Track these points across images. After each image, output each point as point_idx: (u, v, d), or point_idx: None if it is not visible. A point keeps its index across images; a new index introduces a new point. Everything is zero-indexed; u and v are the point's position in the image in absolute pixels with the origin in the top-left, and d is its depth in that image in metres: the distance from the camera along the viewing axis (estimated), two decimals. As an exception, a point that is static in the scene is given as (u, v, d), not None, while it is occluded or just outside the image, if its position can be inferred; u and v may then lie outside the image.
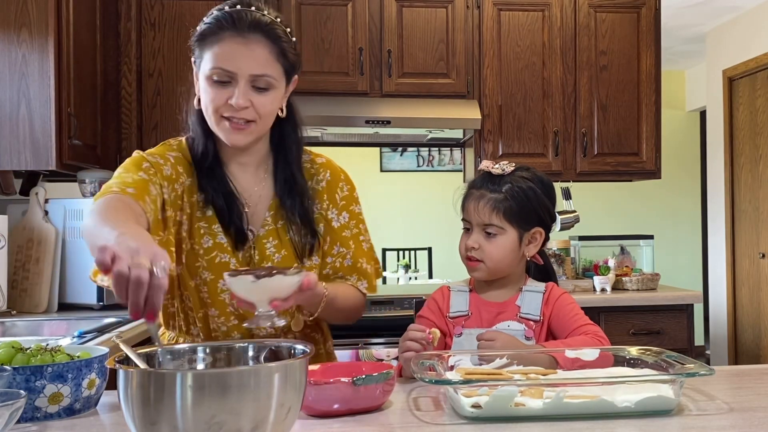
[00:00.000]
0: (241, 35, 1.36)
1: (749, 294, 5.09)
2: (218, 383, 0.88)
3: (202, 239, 1.43)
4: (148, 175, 1.38)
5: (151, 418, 0.88)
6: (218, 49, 1.36)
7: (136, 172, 1.37)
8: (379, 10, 3.36)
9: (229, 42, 1.36)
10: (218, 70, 1.36)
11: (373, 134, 3.56)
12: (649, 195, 6.54)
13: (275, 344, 1.10)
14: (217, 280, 1.42)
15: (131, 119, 3.18)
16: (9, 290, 2.57)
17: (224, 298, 1.43)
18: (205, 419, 0.87)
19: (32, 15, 2.49)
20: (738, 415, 1.14)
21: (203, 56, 1.39)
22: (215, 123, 1.39)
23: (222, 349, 1.11)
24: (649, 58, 3.56)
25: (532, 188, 1.53)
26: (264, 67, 1.37)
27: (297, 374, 0.95)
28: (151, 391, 0.88)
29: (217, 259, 1.42)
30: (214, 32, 1.38)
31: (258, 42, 1.37)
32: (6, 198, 2.81)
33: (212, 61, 1.37)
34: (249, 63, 1.36)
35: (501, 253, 1.51)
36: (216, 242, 1.43)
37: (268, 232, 1.46)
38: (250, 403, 0.89)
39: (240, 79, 1.36)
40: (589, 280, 3.37)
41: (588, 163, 3.52)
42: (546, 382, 1.17)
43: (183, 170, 1.45)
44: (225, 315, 1.44)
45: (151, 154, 1.44)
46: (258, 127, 1.41)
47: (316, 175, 1.55)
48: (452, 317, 1.55)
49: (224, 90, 1.36)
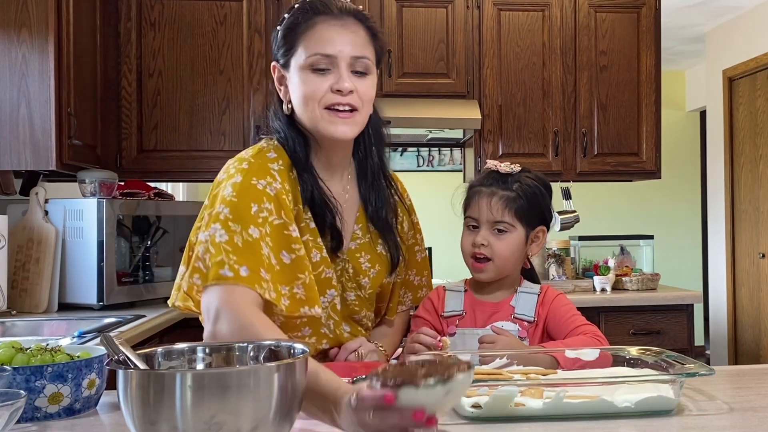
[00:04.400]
0: (335, 18, 1.31)
1: (749, 294, 5.09)
2: (218, 383, 0.87)
3: (311, 252, 1.32)
4: (257, 227, 1.23)
5: (150, 418, 0.88)
6: (314, 35, 1.30)
7: (246, 228, 1.22)
8: (379, 10, 3.36)
9: (325, 25, 1.30)
10: (317, 57, 1.29)
11: (373, 134, 3.55)
12: (649, 195, 6.54)
13: (275, 344, 1.10)
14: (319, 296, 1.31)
15: (131, 119, 3.18)
16: (9, 290, 2.57)
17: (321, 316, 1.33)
18: (204, 419, 0.87)
19: (32, 15, 2.49)
20: (738, 415, 1.14)
21: (296, 48, 1.31)
22: (318, 116, 1.31)
23: (221, 349, 1.10)
24: (649, 58, 3.56)
25: (538, 187, 1.56)
26: (362, 48, 1.32)
27: (297, 374, 0.95)
28: (150, 391, 0.88)
29: (323, 275, 1.33)
30: (306, 20, 1.31)
31: (353, 23, 1.32)
32: (6, 198, 2.81)
33: (309, 49, 1.30)
34: (348, 44, 1.30)
35: (509, 251, 1.53)
36: (323, 256, 1.33)
37: (360, 246, 1.39)
38: (250, 403, 0.88)
39: (341, 62, 1.30)
40: (589, 280, 3.37)
41: (588, 163, 3.52)
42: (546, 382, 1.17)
43: (283, 179, 1.32)
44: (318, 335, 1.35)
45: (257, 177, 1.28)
46: (361, 116, 1.34)
47: None
48: (446, 316, 1.56)
49: (325, 78, 1.29)
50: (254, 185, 1.27)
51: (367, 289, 1.39)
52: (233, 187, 1.27)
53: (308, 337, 1.36)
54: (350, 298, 1.39)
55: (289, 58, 1.33)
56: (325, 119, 1.31)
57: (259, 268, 1.21)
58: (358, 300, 1.39)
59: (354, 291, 1.39)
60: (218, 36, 3.24)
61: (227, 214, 1.24)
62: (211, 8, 3.23)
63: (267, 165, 1.32)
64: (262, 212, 1.25)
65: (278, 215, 1.26)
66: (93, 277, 2.64)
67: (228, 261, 1.20)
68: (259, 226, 1.24)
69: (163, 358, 1.05)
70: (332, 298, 1.35)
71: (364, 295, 1.39)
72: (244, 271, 1.19)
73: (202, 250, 1.24)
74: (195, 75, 3.23)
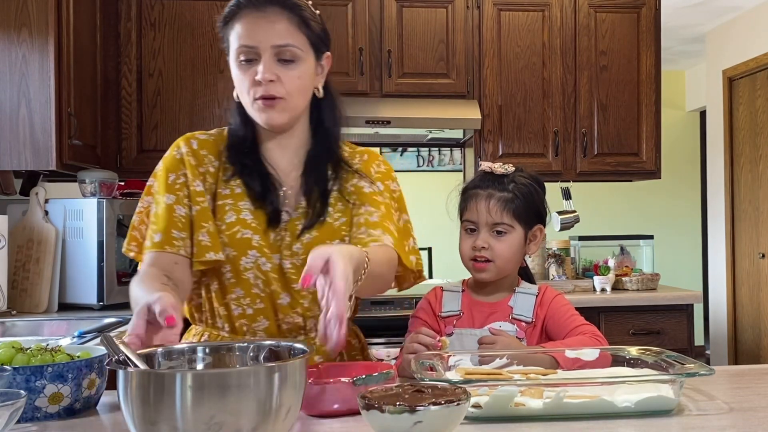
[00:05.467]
0: (257, 9, 1.35)
1: (749, 294, 5.09)
2: (218, 383, 0.87)
3: (225, 215, 1.41)
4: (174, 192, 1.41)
5: (150, 418, 0.88)
6: (239, 28, 1.36)
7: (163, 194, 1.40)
8: (379, 10, 3.36)
9: (247, 17, 1.36)
10: (242, 49, 1.36)
11: (373, 134, 3.56)
12: (649, 195, 6.54)
13: (275, 344, 1.10)
14: (239, 257, 1.40)
15: (131, 119, 3.18)
16: (9, 290, 2.57)
17: (248, 277, 1.40)
18: (204, 419, 0.87)
19: (32, 15, 2.49)
20: (738, 415, 1.14)
21: (229, 41, 1.39)
22: (249, 105, 1.39)
23: (221, 349, 1.11)
24: (649, 58, 3.56)
25: (533, 186, 1.57)
26: (285, 36, 1.36)
27: (296, 374, 0.95)
28: (150, 391, 0.88)
29: (238, 235, 1.40)
30: (233, 13, 1.38)
31: (277, 13, 1.36)
32: (6, 198, 2.81)
33: (236, 41, 1.37)
34: (269, 34, 1.35)
35: (510, 252, 1.53)
36: (239, 218, 1.41)
37: (301, 214, 1.44)
38: (250, 404, 0.88)
39: (263, 53, 1.35)
40: (589, 280, 3.37)
41: (588, 163, 3.52)
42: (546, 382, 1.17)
43: (208, 153, 1.46)
44: (251, 296, 1.41)
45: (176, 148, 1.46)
46: (289, 104, 1.39)
47: (352, 158, 1.53)
48: (444, 317, 1.56)
49: (251, 68, 1.36)
50: (173, 155, 1.45)
51: (300, 255, 1.41)
52: (162, 162, 1.46)
53: (243, 298, 1.41)
54: (286, 267, 1.41)
55: (227, 49, 1.41)
56: (256, 108, 1.38)
57: (170, 229, 1.38)
58: (294, 268, 1.40)
59: (289, 259, 1.41)
60: (218, 36, 3.23)
61: (156, 187, 1.44)
62: (211, 8, 3.23)
63: (194, 136, 1.48)
64: (179, 179, 1.42)
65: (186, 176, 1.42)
66: (93, 277, 2.64)
67: (150, 232, 1.39)
68: (176, 192, 1.41)
69: (163, 358, 1.05)
70: (255, 258, 1.40)
71: (298, 261, 1.41)
72: (158, 237, 1.38)
73: (137, 221, 1.45)
74: (195, 75, 3.23)
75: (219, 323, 1.44)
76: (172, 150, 1.46)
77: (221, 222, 1.41)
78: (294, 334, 1.45)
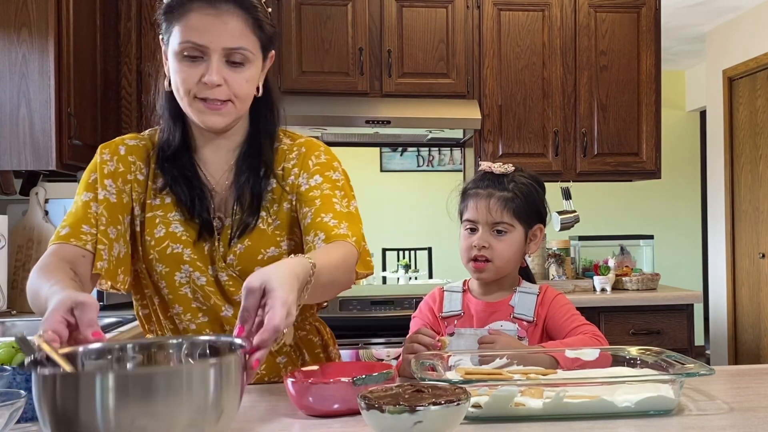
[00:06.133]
0: (211, 5, 1.24)
1: (749, 294, 5.09)
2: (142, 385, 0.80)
3: (155, 229, 1.34)
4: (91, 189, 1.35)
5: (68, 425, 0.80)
6: (187, 22, 1.24)
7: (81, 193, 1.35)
8: (379, 10, 3.36)
9: (198, 13, 1.24)
10: (188, 45, 1.24)
11: (373, 134, 3.56)
12: (649, 195, 6.54)
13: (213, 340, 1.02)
14: (172, 273, 1.34)
15: (131, 119, 3.18)
16: (9, 290, 2.57)
17: (185, 292, 1.35)
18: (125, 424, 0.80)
19: (32, 15, 2.49)
20: (738, 415, 1.14)
21: (171, 31, 1.27)
22: (188, 104, 1.28)
23: (152, 346, 1.02)
24: (649, 58, 3.56)
25: (533, 185, 1.57)
26: (238, 39, 1.26)
27: (232, 372, 0.87)
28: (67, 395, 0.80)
29: (168, 250, 1.33)
30: (181, 3, 1.26)
31: (230, 13, 1.25)
32: (6, 198, 2.81)
33: (181, 35, 1.25)
34: (222, 35, 1.24)
35: (510, 251, 1.53)
36: (169, 231, 1.34)
37: (236, 221, 1.36)
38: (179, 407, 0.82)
39: (213, 54, 1.25)
40: (589, 280, 3.37)
41: (588, 163, 3.52)
42: (546, 382, 1.17)
43: (137, 158, 1.38)
44: (191, 311, 1.36)
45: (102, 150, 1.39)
46: (236, 107, 1.30)
47: (289, 153, 1.42)
48: (445, 317, 1.56)
49: (196, 67, 1.25)
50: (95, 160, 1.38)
51: (235, 266, 1.35)
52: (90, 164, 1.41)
53: (183, 314, 1.36)
54: (223, 279, 1.35)
55: (167, 39, 1.30)
56: (196, 108, 1.29)
57: (81, 224, 1.31)
58: (232, 280, 1.35)
59: (225, 270, 1.35)
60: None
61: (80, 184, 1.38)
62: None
63: (124, 140, 1.41)
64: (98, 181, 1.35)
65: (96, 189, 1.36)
66: (93, 277, 2.63)
67: (59, 227, 1.32)
68: (92, 190, 1.35)
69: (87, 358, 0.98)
70: (188, 273, 1.34)
71: (234, 273, 1.35)
72: (65, 231, 1.31)
73: None
74: (195, 75, 3.23)
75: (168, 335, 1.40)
76: (99, 152, 1.39)
77: (150, 237, 1.34)
78: None
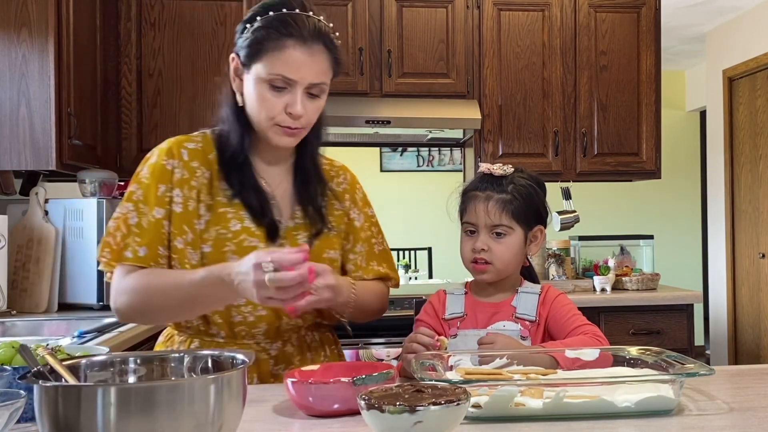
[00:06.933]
0: (305, 45, 1.36)
1: (749, 294, 5.09)
2: (144, 398, 0.80)
3: (230, 223, 1.42)
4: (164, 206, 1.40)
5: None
6: (281, 56, 1.35)
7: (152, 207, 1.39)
8: (379, 10, 3.36)
9: (293, 51, 1.35)
10: (279, 77, 1.36)
11: (373, 134, 3.56)
12: (649, 195, 6.54)
13: (216, 354, 1.03)
14: None
15: (131, 119, 3.18)
16: (9, 290, 2.57)
17: None
18: None
19: (32, 15, 2.49)
20: (738, 415, 1.14)
21: (260, 60, 1.37)
22: (266, 127, 1.40)
23: (155, 359, 1.03)
24: (649, 58, 3.56)
25: (532, 186, 1.56)
26: (322, 75, 1.39)
27: (234, 387, 0.88)
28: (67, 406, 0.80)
29: (245, 243, 1.42)
30: (276, 38, 1.36)
31: (320, 52, 1.38)
32: (6, 198, 2.81)
33: (273, 67, 1.36)
34: (310, 73, 1.37)
35: (510, 253, 1.53)
36: (244, 226, 1.43)
37: (297, 226, 1.48)
38: (181, 421, 0.82)
39: (298, 87, 1.37)
40: (589, 280, 3.37)
41: (588, 163, 3.52)
42: (546, 382, 1.17)
43: (199, 164, 1.45)
44: (253, 304, 1.40)
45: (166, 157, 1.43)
46: (306, 131, 1.43)
47: (336, 177, 1.58)
48: (448, 319, 1.56)
49: (281, 97, 1.37)
50: (163, 165, 1.42)
51: None
52: (149, 168, 1.43)
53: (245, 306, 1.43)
54: None
55: (251, 64, 1.39)
56: (274, 131, 1.40)
57: (157, 246, 1.38)
58: None
59: None
60: (218, 36, 3.24)
61: (139, 195, 1.41)
62: (211, 8, 3.23)
63: (183, 144, 1.46)
64: (168, 192, 1.41)
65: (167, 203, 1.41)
66: (93, 277, 2.64)
67: (132, 243, 1.38)
68: (164, 206, 1.40)
69: (89, 370, 0.98)
70: None
71: None
72: (143, 251, 1.37)
73: (114, 227, 1.40)
74: (195, 75, 3.23)
75: (213, 330, 1.44)
76: (161, 158, 1.44)
77: (225, 230, 1.42)
78: (290, 335, 1.48)
